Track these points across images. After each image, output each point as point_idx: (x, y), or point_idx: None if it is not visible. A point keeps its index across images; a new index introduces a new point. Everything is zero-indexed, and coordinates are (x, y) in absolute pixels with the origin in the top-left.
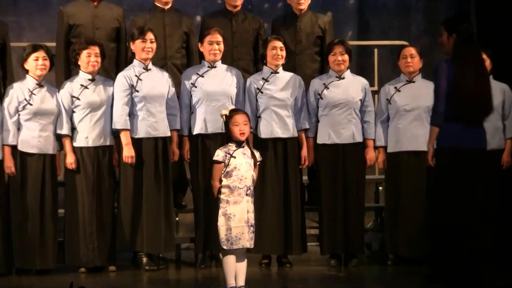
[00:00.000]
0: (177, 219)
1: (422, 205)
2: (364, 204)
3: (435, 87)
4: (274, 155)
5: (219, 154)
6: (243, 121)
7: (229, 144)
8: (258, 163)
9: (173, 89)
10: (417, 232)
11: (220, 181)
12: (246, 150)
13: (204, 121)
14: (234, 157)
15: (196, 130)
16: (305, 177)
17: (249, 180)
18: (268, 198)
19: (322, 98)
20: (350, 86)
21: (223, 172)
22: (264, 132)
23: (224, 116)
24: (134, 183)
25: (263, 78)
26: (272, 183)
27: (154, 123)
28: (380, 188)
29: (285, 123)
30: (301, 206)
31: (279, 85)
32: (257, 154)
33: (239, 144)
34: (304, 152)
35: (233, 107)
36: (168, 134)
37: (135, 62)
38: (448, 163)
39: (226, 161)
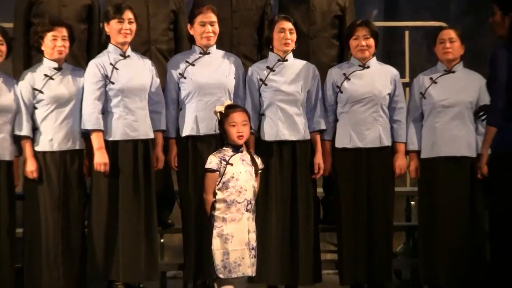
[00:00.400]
0: (162, 241)
1: (465, 224)
2: (393, 223)
3: (492, 78)
4: (280, 162)
5: (212, 161)
6: (242, 121)
7: (225, 148)
8: (259, 172)
9: (157, 81)
10: (459, 258)
11: (215, 194)
12: (245, 155)
13: (196, 120)
14: (231, 165)
15: (186, 131)
16: (320, 190)
17: (249, 193)
18: (272, 216)
19: (341, 92)
20: (376, 77)
21: (218, 183)
22: (268, 133)
23: (218, 114)
24: (109, 196)
25: (268, 67)
26: (278, 196)
27: (134, 123)
28: (412, 203)
29: (295, 123)
30: (315, 225)
31: (287, 75)
32: (259, 161)
33: (236, 149)
34: (319, 158)
35: (230, 102)
36: (151, 136)
37: (110, 47)
38: (508, 172)
39: (222, 170)
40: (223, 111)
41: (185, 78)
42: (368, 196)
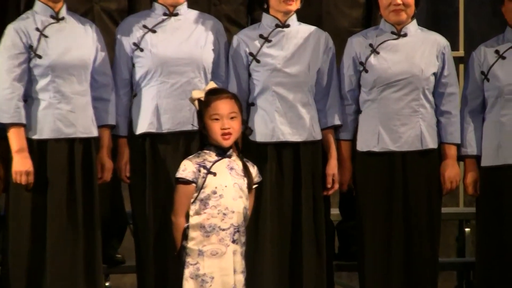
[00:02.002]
0: (107, 284)
1: None
2: (438, 258)
3: None
4: (278, 173)
5: (187, 168)
6: (229, 112)
7: (206, 151)
8: (255, 186)
9: (102, 54)
10: None
11: (188, 216)
12: (234, 162)
13: (156, 112)
14: (214, 174)
15: (142, 127)
16: (334, 211)
17: (238, 216)
18: (266, 249)
19: (366, 71)
20: (416, 50)
21: (193, 200)
22: (261, 132)
23: (196, 102)
24: (32, 219)
25: (261, 36)
26: (273, 222)
27: (69, 114)
28: (468, 230)
29: (299, 116)
30: (327, 262)
31: (289, 48)
32: (254, 171)
33: (222, 152)
34: (333, 167)
35: (213, 85)
36: (94, 133)
37: (38, 5)
38: None
39: (200, 181)
40: (202, 98)
41: (141, 50)
42: (404, 221)
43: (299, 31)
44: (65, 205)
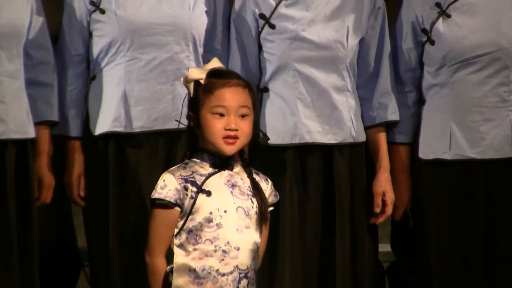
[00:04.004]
0: None
1: None
2: None
3: None
4: (302, 188)
5: (167, 185)
6: (240, 106)
7: (195, 160)
8: (270, 209)
9: (39, 19)
10: None
11: (170, 255)
12: (238, 175)
13: (125, 102)
14: (207, 194)
15: (103, 125)
16: (384, 248)
17: (245, 255)
18: None
19: (432, 43)
20: (505, 12)
21: (177, 231)
22: (278, 130)
23: (191, 85)
24: None
25: None
26: (296, 259)
27: None
28: None
29: (333, 107)
30: None
31: (317, 6)
32: (268, 186)
33: (221, 162)
34: (383, 182)
35: (218, 63)
36: (31, 133)
37: None
38: None
39: (187, 204)
40: (202, 81)
41: (102, 11)
42: (488, 261)
43: None
44: None
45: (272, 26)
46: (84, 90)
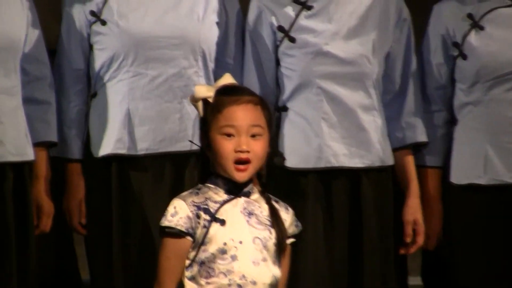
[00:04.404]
0: None
1: None
2: None
3: None
4: (326, 216)
5: (178, 213)
6: (251, 125)
7: (208, 185)
8: (290, 242)
9: (35, 32)
10: None
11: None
12: (256, 203)
13: (128, 121)
14: (222, 223)
15: (106, 147)
16: (414, 280)
17: None
18: None
19: (465, 57)
20: None
21: (188, 263)
22: (300, 153)
23: (200, 104)
24: None
25: (295, 0)
26: None
27: None
28: None
29: (359, 128)
30: None
31: (341, 18)
32: (289, 215)
33: (235, 188)
34: (414, 209)
35: (231, 79)
36: (30, 156)
37: None
38: None
39: (199, 233)
40: (210, 99)
41: (103, 23)
42: None
43: None
44: None
45: (292, 40)
46: (85, 108)
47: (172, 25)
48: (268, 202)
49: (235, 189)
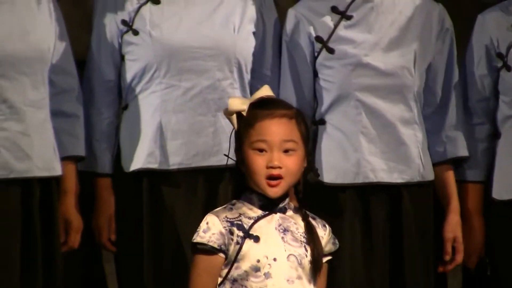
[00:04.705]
0: None
1: None
2: None
3: None
4: (365, 233)
5: (210, 229)
6: (284, 140)
7: (242, 201)
8: (326, 260)
9: (63, 43)
10: None
11: None
12: (291, 219)
13: (160, 135)
14: (256, 240)
15: (137, 161)
16: None
17: None
18: None
19: (509, 69)
20: None
21: (221, 280)
22: (338, 167)
23: (234, 118)
24: None
25: (334, 10)
26: None
27: (21, 139)
28: None
29: (400, 142)
30: None
31: (381, 28)
32: (326, 232)
33: (270, 204)
34: (454, 226)
35: (268, 91)
36: (58, 171)
37: None
38: None
39: (232, 250)
40: (244, 112)
41: (135, 33)
42: None
43: (396, 1)
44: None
45: (331, 51)
46: (116, 120)
47: (207, 35)
48: (305, 218)
49: (270, 205)
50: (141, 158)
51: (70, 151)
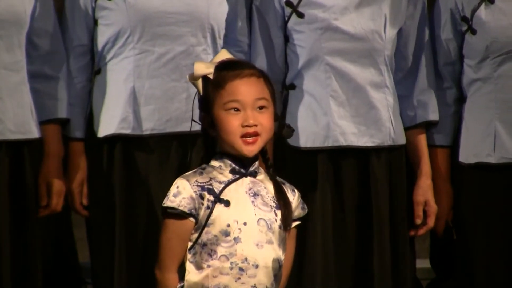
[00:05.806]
0: None
1: None
2: None
3: None
4: (334, 198)
5: (181, 193)
6: (256, 98)
7: (213, 164)
8: (295, 224)
9: (47, 6)
10: None
11: (182, 270)
12: (261, 183)
13: (133, 100)
14: (226, 204)
15: (109, 126)
16: (422, 264)
17: (266, 274)
18: None
19: (474, 32)
20: None
21: (191, 245)
22: (308, 130)
23: (200, 82)
24: None
25: None
26: (328, 278)
27: None
28: None
29: (370, 106)
30: None
31: None
32: (295, 196)
33: (240, 167)
34: (425, 190)
35: (227, 55)
36: (34, 133)
37: None
38: None
39: (202, 214)
40: (211, 76)
41: None
42: None
43: None
44: None
45: (300, 15)
46: (89, 85)
47: (181, 1)
48: (275, 181)
49: (241, 168)
50: (114, 123)
51: (52, 114)
